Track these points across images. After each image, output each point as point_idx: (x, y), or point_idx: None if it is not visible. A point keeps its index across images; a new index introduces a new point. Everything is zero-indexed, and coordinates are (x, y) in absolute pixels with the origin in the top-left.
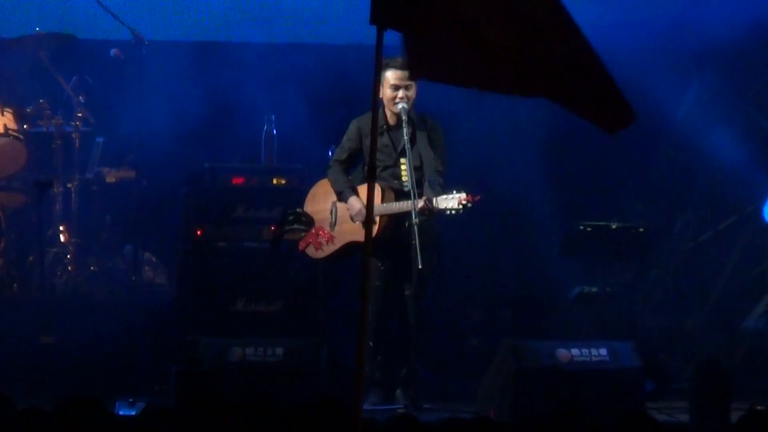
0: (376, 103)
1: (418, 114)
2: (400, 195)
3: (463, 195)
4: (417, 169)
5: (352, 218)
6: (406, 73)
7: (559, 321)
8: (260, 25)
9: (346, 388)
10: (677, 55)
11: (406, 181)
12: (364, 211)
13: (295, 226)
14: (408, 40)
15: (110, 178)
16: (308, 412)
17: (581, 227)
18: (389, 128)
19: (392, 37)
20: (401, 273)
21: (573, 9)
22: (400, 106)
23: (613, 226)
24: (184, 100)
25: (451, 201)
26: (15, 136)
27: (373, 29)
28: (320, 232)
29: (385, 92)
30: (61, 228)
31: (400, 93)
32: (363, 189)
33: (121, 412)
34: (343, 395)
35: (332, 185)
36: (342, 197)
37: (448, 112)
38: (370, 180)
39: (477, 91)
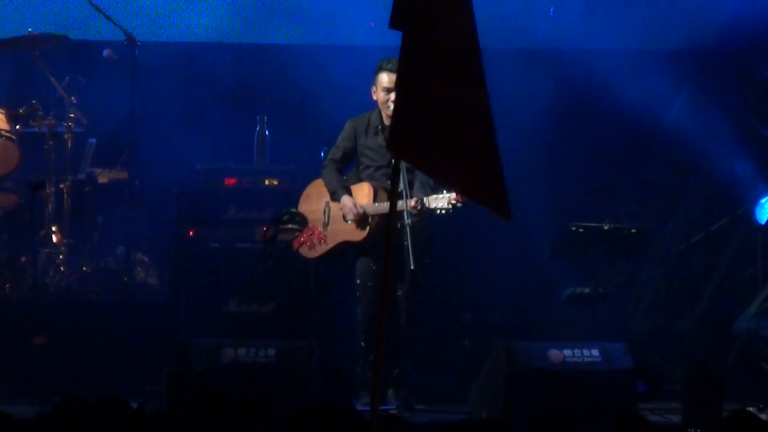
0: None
1: None
2: None
3: (453, 194)
4: (409, 171)
5: (344, 217)
6: None
7: (551, 322)
8: (252, 26)
9: (339, 388)
10: (669, 58)
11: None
12: (355, 209)
13: (289, 225)
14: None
15: (102, 179)
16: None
17: (573, 228)
18: (384, 129)
19: (390, 39)
20: (393, 273)
21: (565, 11)
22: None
23: (606, 227)
24: (176, 100)
25: (441, 200)
26: (7, 137)
27: (363, 31)
28: (314, 232)
29: (379, 94)
30: (53, 228)
31: (393, 96)
32: (356, 189)
33: None
34: (335, 396)
35: (326, 185)
36: (335, 197)
37: None
38: (393, 193)
39: None
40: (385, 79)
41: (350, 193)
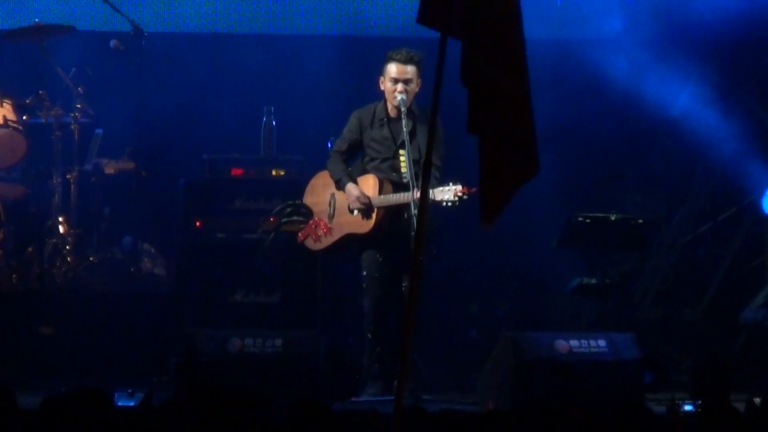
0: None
1: (420, 107)
2: (399, 187)
3: (459, 187)
4: (416, 162)
5: (349, 206)
6: (406, 67)
7: (558, 312)
8: (259, 16)
9: (345, 379)
10: (677, 47)
11: (404, 173)
12: (362, 198)
13: (294, 217)
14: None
15: (109, 170)
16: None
17: (580, 219)
18: (390, 120)
19: (396, 31)
20: (400, 265)
21: (573, 1)
22: (398, 98)
23: (613, 218)
24: (183, 91)
25: (447, 193)
26: (14, 127)
27: (370, 22)
28: (319, 224)
29: (386, 84)
30: (60, 219)
31: (399, 86)
32: (362, 180)
33: (119, 403)
34: (341, 386)
35: (331, 174)
36: (340, 184)
37: (449, 103)
38: (425, 180)
39: None
40: (393, 69)
41: (355, 182)
